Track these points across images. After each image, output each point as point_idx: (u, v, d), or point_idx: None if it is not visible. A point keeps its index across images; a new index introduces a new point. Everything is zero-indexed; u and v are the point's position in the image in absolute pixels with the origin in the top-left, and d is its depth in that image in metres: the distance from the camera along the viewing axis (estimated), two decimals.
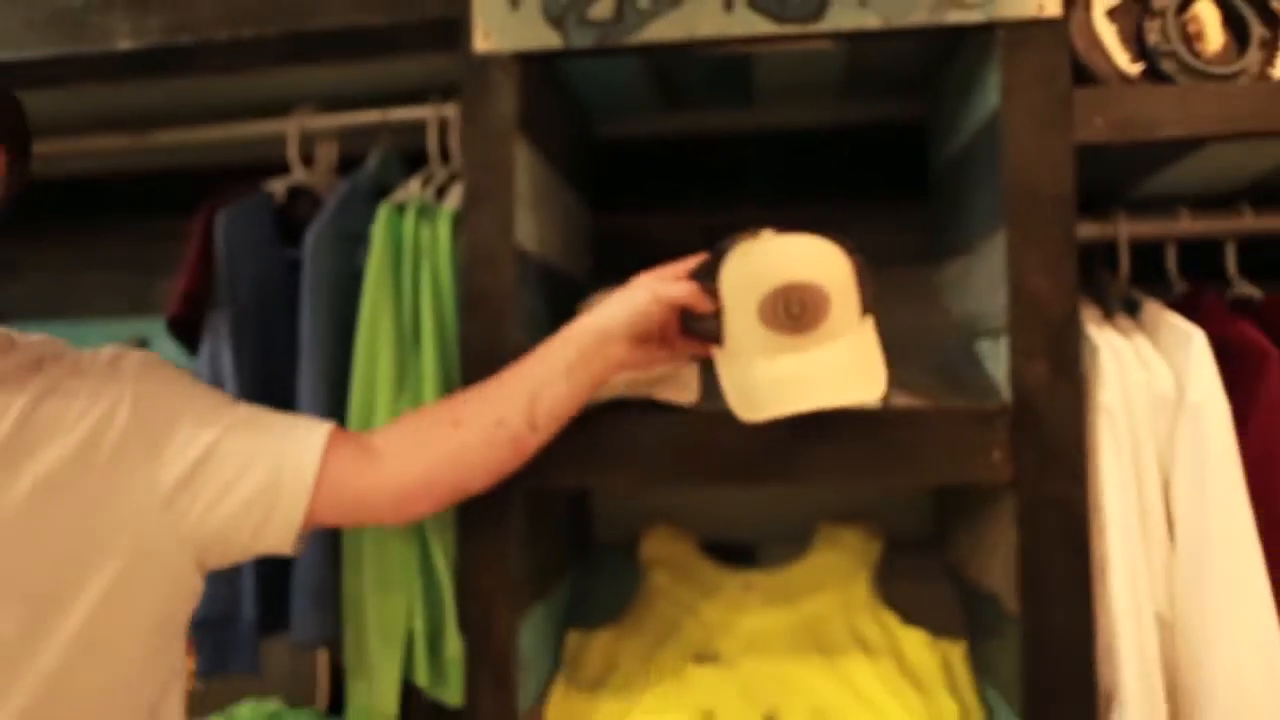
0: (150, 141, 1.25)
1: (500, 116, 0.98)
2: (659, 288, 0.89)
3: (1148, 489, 0.89)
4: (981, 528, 1.03)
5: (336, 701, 1.36)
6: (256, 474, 0.79)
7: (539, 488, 0.98)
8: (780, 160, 1.32)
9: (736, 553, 1.26)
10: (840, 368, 0.85)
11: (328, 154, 1.24)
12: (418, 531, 1.01)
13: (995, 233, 0.94)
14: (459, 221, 1.03)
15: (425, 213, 1.05)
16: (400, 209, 1.06)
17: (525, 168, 1.00)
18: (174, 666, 0.80)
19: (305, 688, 1.38)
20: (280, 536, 0.81)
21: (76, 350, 0.82)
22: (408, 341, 1.03)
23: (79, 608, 0.71)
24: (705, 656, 1.12)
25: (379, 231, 1.04)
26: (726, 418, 0.94)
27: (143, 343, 1.41)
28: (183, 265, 1.18)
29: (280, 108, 1.21)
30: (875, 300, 0.89)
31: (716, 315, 0.88)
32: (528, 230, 1.01)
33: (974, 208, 1.03)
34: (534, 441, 0.89)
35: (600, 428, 0.94)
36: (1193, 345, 0.89)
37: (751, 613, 1.17)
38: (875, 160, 1.30)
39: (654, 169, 1.35)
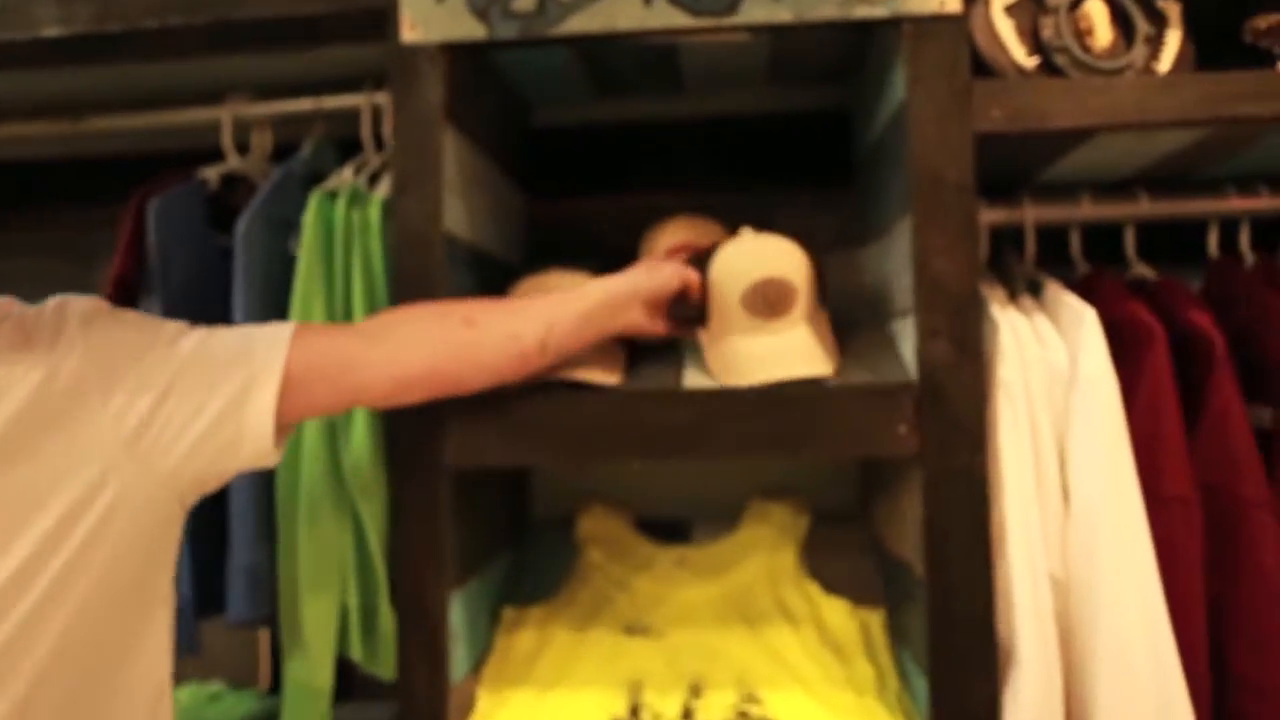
0: (84, 128, 1.24)
1: (428, 105, 0.99)
2: (680, 269, 1.02)
3: (1044, 459, 0.94)
4: (895, 499, 1.08)
5: (279, 682, 1.38)
6: (219, 396, 0.78)
7: (469, 467, 1.00)
8: (710, 146, 1.35)
9: (672, 529, 1.29)
10: (805, 347, 0.99)
11: (262, 141, 1.24)
12: (350, 509, 1.03)
13: (903, 217, 0.98)
14: (390, 207, 1.04)
15: (356, 199, 1.07)
16: (332, 196, 1.07)
17: (453, 154, 1.02)
18: (160, 595, 0.80)
19: (247, 669, 1.39)
20: (256, 449, 0.81)
21: (23, 306, 0.80)
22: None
23: (62, 552, 0.71)
24: (636, 629, 1.15)
25: (310, 218, 1.05)
26: (649, 397, 0.99)
27: None
28: (115, 251, 1.18)
29: (216, 94, 1.20)
30: (828, 294, 1.05)
31: (703, 301, 1.02)
32: (456, 215, 1.03)
33: (888, 193, 1.07)
34: (539, 363, 0.94)
35: (528, 407, 0.96)
36: (1084, 323, 0.94)
37: (682, 586, 1.20)
38: (801, 146, 1.33)
39: (587, 155, 1.37)
